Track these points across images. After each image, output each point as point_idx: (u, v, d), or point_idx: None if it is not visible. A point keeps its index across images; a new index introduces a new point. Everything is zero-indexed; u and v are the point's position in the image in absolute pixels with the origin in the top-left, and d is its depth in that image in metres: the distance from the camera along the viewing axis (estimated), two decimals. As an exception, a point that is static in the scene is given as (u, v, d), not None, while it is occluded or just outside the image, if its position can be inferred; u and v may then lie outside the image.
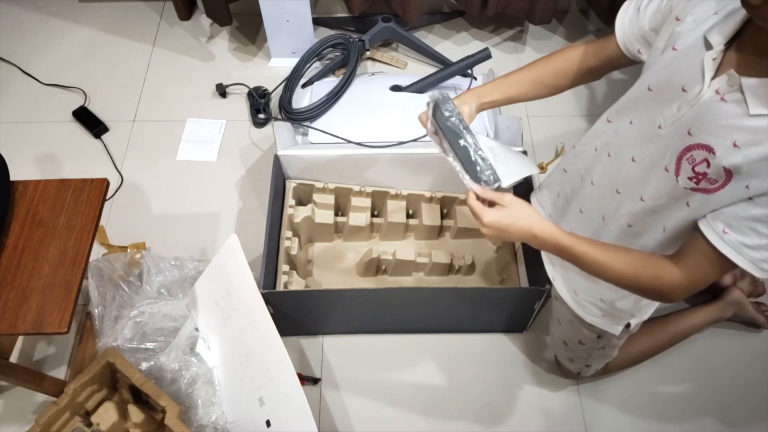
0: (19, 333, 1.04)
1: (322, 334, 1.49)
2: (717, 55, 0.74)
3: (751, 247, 0.73)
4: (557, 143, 1.79)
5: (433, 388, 1.42)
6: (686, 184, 0.78)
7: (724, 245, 0.74)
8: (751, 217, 0.71)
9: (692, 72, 0.76)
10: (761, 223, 0.71)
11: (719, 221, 0.75)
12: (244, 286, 1.22)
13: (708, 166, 0.75)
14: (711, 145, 0.74)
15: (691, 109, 0.77)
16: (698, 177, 0.76)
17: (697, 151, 0.76)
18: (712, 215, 0.76)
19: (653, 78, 0.84)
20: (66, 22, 2.09)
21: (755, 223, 0.71)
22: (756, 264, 0.73)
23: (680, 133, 0.78)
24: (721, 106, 0.73)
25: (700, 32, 0.76)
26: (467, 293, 1.34)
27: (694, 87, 0.76)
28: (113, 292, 1.38)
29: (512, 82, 1.02)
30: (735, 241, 0.73)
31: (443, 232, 1.61)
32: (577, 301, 1.11)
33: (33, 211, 1.16)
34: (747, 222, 0.72)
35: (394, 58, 1.96)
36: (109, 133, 1.83)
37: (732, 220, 0.73)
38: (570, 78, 1.01)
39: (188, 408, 1.25)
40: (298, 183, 1.53)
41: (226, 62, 1.99)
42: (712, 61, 0.74)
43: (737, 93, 0.71)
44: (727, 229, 0.74)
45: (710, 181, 0.75)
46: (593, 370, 1.32)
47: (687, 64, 0.77)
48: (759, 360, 1.45)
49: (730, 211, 0.74)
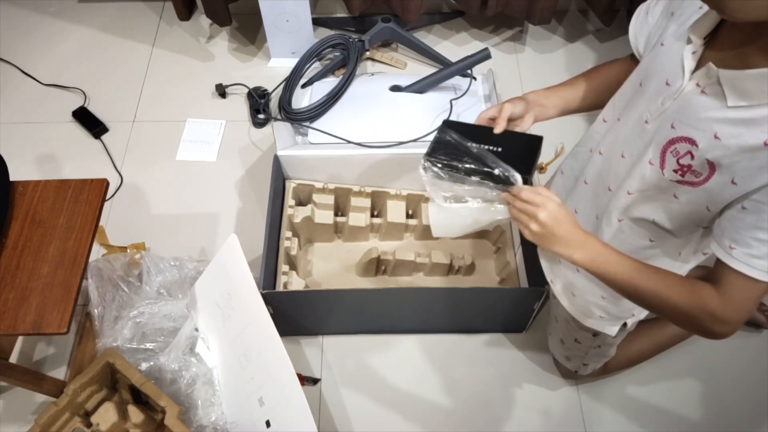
0: (19, 333, 1.04)
1: (321, 334, 1.49)
2: (696, 48, 0.75)
3: (758, 257, 0.71)
4: (557, 143, 1.79)
5: (433, 388, 1.42)
6: (672, 176, 0.79)
7: (735, 262, 0.73)
8: (749, 225, 0.71)
9: (675, 66, 0.77)
10: (760, 230, 0.70)
11: (725, 238, 0.74)
12: (244, 286, 1.22)
13: (692, 159, 0.75)
14: (693, 138, 0.75)
15: (673, 103, 0.78)
16: (683, 169, 0.77)
17: (681, 143, 0.77)
18: (717, 234, 0.76)
19: (643, 73, 0.85)
20: (65, 23, 2.09)
21: (754, 230, 0.71)
22: None
23: (664, 126, 0.79)
24: (701, 98, 0.74)
25: (684, 27, 0.77)
26: (467, 293, 1.34)
27: (676, 81, 0.77)
28: (113, 293, 1.38)
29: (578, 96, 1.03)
30: (742, 254, 0.72)
31: (443, 233, 1.60)
32: (574, 303, 1.11)
33: (32, 211, 1.16)
34: (747, 232, 0.71)
35: (394, 58, 1.96)
36: (109, 133, 1.83)
37: (734, 233, 0.73)
38: None
39: (188, 408, 1.25)
40: (297, 183, 1.53)
41: (225, 62, 1.99)
42: (692, 54, 0.75)
43: (716, 85, 0.72)
44: (732, 244, 0.73)
45: (695, 173, 0.76)
46: (590, 369, 1.32)
47: (670, 58, 0.78)
48: (759, 360, 1.45)
49: (731, 225, 0.73)
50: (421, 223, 1.54)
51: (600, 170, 0.96)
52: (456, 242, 1.59)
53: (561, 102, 1.03)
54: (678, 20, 0.80)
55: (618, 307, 1.05)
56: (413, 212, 1.59)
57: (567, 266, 1.10)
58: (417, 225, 1.56)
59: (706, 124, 0.73)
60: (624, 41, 1.06)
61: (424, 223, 1.54)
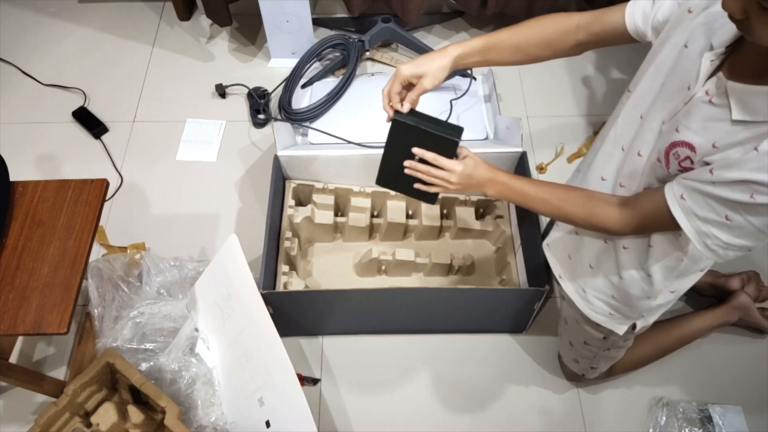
0: (19, 333, 1.04)
1: (321, 335, 1.49)
2: (716, 57, 0.74)
3: (699, 217, 0.76)
4: (557, 143, 1.79)
5: (432, 388, 1.42)
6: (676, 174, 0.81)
7: (677, 207, 0.78)
8: (709, 194, 0.74)
9: (694, 71, 0.77)
10: (716, 203, 0.73)
11: (681, 186, 0.78)
12: (244, 286, 1.22)
13: (692, 163, 0.77)
14: (693, 144, 0.76)
15: (684, 107, 0.78)
16: (685, 170, 0.79)
17: (681, 148, 0.78)
18: (677, 180, 0.79)
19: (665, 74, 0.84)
20: (65, 23, 2.09)
21: (711, 200, 0.74)
22: (699, 235, 0.77)
23: (671, 129, 0.80)
24: (708, 107, 0.74)
25: (709, 31, 0.77)
26: (467, 294, 1.34)
27: (694, 86, 0.77)
28: (113, 293, 1.38)
29: (495, 45, 0.99)
30: (688, 207, 0.77)
31: (443, 233, 1.60)
32: (585, 298, 1.11)
33: (33, 211, 1.16)
34: (705, 197, 0.74)
35: (394, 58, 1.96)
36: (109, 133, 1.83)
37: (692, 190, 0.76)
38: (554, 50, 0.99)
39: (188, 408, 1.25)
40: (297, 183, 1.53)
41: (225, 63, 1.99)
42: (710, 62, 0.74)
43: (723, 97, 0.72)
44: (685, 195, 0.77)
45: None
46: (598, 373, 1.32)
47: (692, 62, 0.78)
48: (763, 365, 1.45)
49: (693, 184, 0.76)
50: (421, 223, 1.54)
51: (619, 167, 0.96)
52: (456, 242, 1.59)
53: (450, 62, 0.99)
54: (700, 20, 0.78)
55: (628, 307, 1.06)
56: (413, 212, 1.59)
57: (578, 264, 1.10)
58: (417, 225, 1.56)
59: (708, 132, 0.74)
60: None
61: (424, 224, 1.54)
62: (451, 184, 0.96)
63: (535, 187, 0.96)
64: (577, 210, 0.93)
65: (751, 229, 0.72)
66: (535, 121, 1.85)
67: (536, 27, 0.99)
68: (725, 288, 1.47)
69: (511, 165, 1.48)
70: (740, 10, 0.62)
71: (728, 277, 1.47)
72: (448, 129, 0.96)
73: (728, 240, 0.75)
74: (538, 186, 0.97)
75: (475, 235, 1.58)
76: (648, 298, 1.02)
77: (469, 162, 0.96)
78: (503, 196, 0.98)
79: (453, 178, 0.96)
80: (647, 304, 1.04)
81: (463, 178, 0.96)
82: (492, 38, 0.99)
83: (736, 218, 0.72)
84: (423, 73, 0.98)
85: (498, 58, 1.01)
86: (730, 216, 0.73)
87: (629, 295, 1.03)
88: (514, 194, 0.97)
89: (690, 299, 1.52)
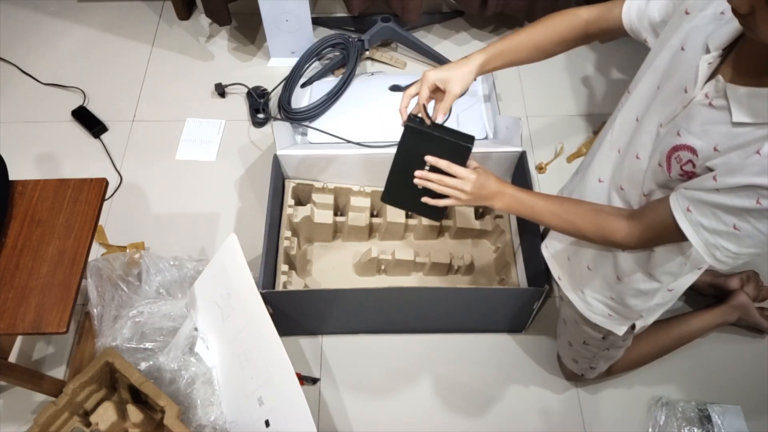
0: (18, 333, 1.04)
1: (321, 334, 1.49)
2: (713, 59, 0.74)
3: (707, 229, 0.76)
4: (557, 143, 1.79)
5: (432, 388, 1.42)
6: (678, 178, 0.80)
7: (684, 221, 0.78)
8: (715, 203, 0.73)
9: (691, 74, 0.76)
10: (723, 212, 0.73)
11: (686, 199, 0.77)
12: (243, 285, 1.22)
13: (694, 167, 0.77)
14: (695, 147, 0.75)
15: (683, 110, 0.78)
16: (687, 174, 0.78)
17: (683, 151, 0.77)
18: (682, 192, 0.78)
19: (661, 77, 0.84)
20: (65, 22, 2.09)
21: (718, 210, 0.74)
22: (707, 247, 0.77)
23: (671, 132, 0.79)
24: (708, 110, 0.74)
25: (705, 34, 0.76)
26: (466, 293, 1.34)
27: (692, 89, 0.76)
28: (112, 292, 1.38)
29: (515, 48, 1.01)
30: (695, 220, 0.76)
31: (442, 232, 1.60)
32: (584, 300, 1.11)
33: (32, 210, 1.16)
34: (710, 207, 0.74)
35: (394, 58, 1.96)
36: (108, 132, 1.83)
37: (698, 202, 0.76)
38: (568, 45, 1.02)
39: (187, 408, 1.25)
40: (297, 183, 1.53)
41: (225, 62, 1.99)
42: (707, 65, 0.74)
43: (723, 99, 0.72)
44: (691, 208, 0.77)
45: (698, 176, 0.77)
46: (597, 372, 1.32)
47: (689, 65, 0.77)
48: (761, 365, 1.45)
49: (698, 195, 0.76)
50: (420, 223, 1.54)
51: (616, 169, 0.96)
52: (456, 242, 1.59)
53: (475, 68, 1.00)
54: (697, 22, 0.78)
55: (626, 308, 1.06)
56: (413, 212, 1.59)
57: (576, 266, 1.10)
58: (416, 225, 1.56)
59: (709, 136, 0.73)
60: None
61: (423, 224, 1.54)
62: (464, 194, 0.94)
63: (543, 200, 0.96)
64: (586, 223, 0.92)
65: (760, 236, 0.72)
66: (535, 120, 1.85)
67: (550, 26, 1.01)
68: (724, 287, 1.47)
69: (510, 165, 1.48)
70: (746, 4, 0.62)
71: (727, 277, 1.47)
72: (460, 136, 0.95)
73: (738, 250, 0.75)
74: (546, 199, 0.96)
75: (475, 234, 1.58)
76: (646, 298, 1.02)
77: (481, 172, 0.96)
78: (511, 209, 0.98)
79: (467, 187, 0.94)
80: (645, 304, 1.04)
81: (476, 188, 0.94)
82: (511, 41, 1.01)
83: (744, 227, 0.72)
84: (450, 77, 0.97)
85: (518, 59, 1.02)
86: (738, 225, 0.72)
87: (627, 297, 1.03)
88: (523, 207, 0.97)
89: (689, 299, 1.52)
